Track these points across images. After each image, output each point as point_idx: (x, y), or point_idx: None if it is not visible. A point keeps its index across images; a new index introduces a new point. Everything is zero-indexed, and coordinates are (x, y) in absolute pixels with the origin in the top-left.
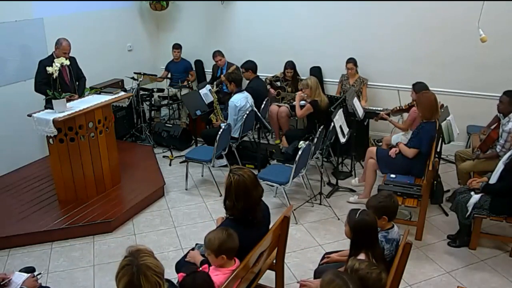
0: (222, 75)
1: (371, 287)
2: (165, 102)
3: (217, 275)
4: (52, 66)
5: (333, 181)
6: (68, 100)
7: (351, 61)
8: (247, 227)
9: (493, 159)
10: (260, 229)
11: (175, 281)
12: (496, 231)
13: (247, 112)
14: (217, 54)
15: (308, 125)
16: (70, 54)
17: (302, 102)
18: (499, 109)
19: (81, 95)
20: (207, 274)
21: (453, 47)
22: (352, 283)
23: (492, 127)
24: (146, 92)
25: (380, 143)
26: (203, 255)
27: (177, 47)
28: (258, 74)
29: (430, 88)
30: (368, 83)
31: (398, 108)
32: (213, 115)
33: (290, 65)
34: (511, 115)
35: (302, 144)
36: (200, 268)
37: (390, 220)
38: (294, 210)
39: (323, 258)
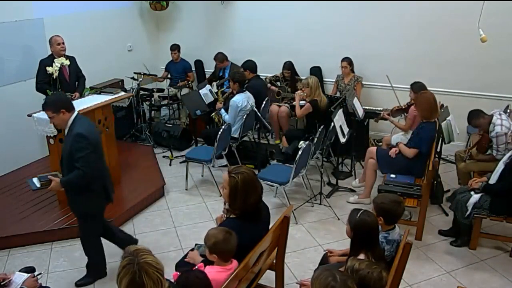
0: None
1: (372, 287)
2: (165, 102)
3: (210, 272)
4: (52, 66)
5: (333, 181)
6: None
7: (346, 60)
8: (254, 221)
9: (489, 161)
10: (262, 227)
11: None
12: (496, 231)
13: (247, 112)
14: (218, 59)
15: (308, 125)
16: (70, 54)
17: (302, 102)
18: (484, 131)
19: (81, 94)
20: (201, 272)
21: (453, 47)
22: (339, 275)
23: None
24: (146, 92)
25: (380, 143)
26: (203, 255)
27: (174, 48)
28: (258, 74)
29: (430, 88)
30: (368, 83)
31: (397, 107)
32: (215, 114)
33: (287, 66)
34: (494, 120)
35: (302, 144)
36: (196, 267)
37: (387, 223)
38: (294, 210)
39: (324, 256)
